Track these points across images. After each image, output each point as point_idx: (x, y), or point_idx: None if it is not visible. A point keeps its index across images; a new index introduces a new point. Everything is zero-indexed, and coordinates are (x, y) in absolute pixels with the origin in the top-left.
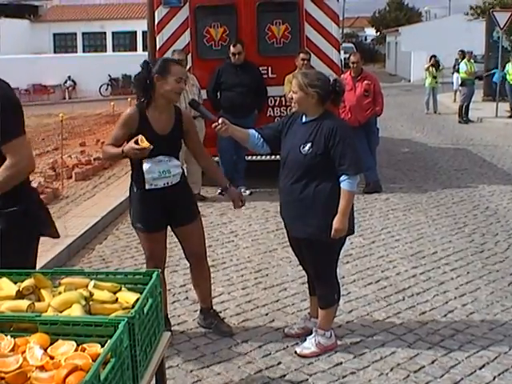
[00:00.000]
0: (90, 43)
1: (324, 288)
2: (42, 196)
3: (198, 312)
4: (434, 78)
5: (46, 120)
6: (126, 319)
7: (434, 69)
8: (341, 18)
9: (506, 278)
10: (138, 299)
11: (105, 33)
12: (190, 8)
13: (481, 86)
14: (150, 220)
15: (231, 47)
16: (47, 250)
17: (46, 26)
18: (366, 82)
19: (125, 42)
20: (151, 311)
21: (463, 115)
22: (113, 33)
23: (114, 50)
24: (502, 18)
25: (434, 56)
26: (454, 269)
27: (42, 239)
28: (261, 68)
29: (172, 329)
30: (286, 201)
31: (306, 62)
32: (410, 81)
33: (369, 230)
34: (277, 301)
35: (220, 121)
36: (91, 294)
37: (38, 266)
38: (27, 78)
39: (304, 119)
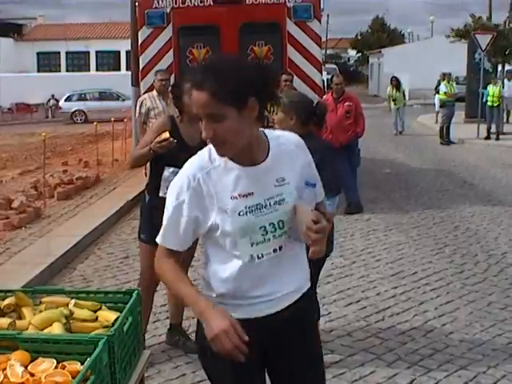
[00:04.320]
0: (74, 62)
1: None
2: (23, 215)
3: (167, 330)
4: (394, 100)
5: (28, 139)
6: (105, 337)
7: (394, 91)
8: (324, 39)
9: (485, 298)
10: (117, 318)
11: (88, 52)
12: (173, 28)
13: (462, 108)
14: (154, 232)
15: None
16: (29, 269)
17: (29, 44)
18: (347, 103)
19: (108, 61)
20: (131, 330)
21: (444, 136)
22: (96, 52)
23: (97, 70)
24: (483, 40)
25: (395, 77)
26: (433, 289)
27: (24, 260)
28: None
29: (153, 348)
30: None
31: (288, 83)
32: (389, 102)
33: (350, 251)
34: None
35: None
36: (72, 313)
37: (19, 285)
38: (10, 97)
39: None
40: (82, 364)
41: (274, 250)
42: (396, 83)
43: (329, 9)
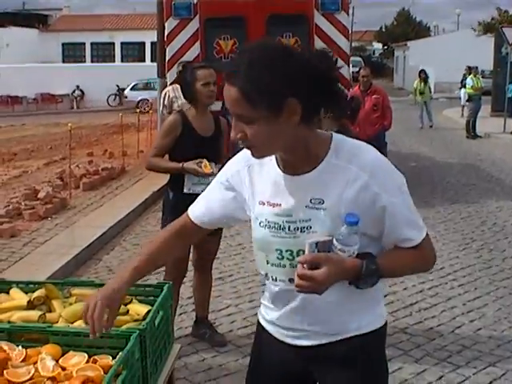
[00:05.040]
0: (99, 53)
1: None
2: (49, 206)
3: (193, 323)
4: (421, 93)
5: (53, 129)
6: (137, 331)
7: (421, 84)
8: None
9: None
10: (149, 311)
11: (113, 43)
12: (200, 20)
13: (489, 102)
14: None
15: None
16: (55, 260)
17: (54, 35)
18: (374, 96)
19: (133, 52)
20: (162, 324)
21: (470, 130)
22: (121, 43)
23: (122, 61)
24: (510, 33)
25: (423, 71)
26: (461, 285)
27: (49, 250)
28: None
29: (179, 341)
30: None
31: None
32: (415, 95)
33: None
34: None
35: None
36: None
37: (45, 275)
38: (35, 87)
39: None
40: (114, 358)
41: (290, 280)
42: (424, 76)
43: (354, 1)
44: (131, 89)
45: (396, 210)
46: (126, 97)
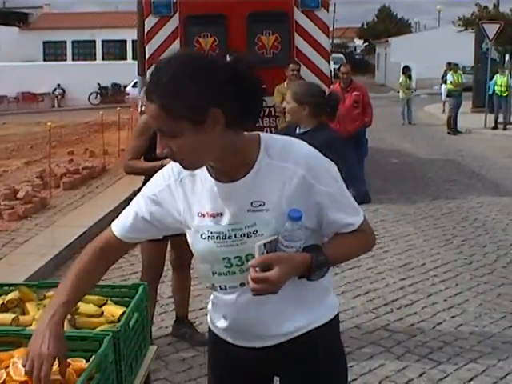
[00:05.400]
0: (80, 51)
1: None
2: (29, 205)
3: (173, 322)
4: (408, 89)
5: (34, 128)
6: (111, 334)
7: (406, 80)
8: (331, 29)
9: (494, 289)
10: (123, 313)
11: (94, 41)
12: (179, 17)
13: (470, 98)
14: None
15: (227, 57)
16: (35, 260)
17: (35, 33)
18: (355, 92)
19: (114, 50)
20: (137, 325)
21: (452, 126)
22: (102, 41)
23: (103, 59)
24: (490, 29)
25: (407, 67)
26: (442, 280)
27: (29, 250)
28: None
29: (159, 341)
30: None
31: (295, 72)
32: (398, 91)
33: None
34: None
35: None
36: (76, 308)
37: (25, 276)
38: (16, 86)
39: (298, 130)
40: (87, 361)
41: (242, 284)
42: (409, 73)
43: None
44: (133, 86)
45: (334, 199)
46: (128, 94)
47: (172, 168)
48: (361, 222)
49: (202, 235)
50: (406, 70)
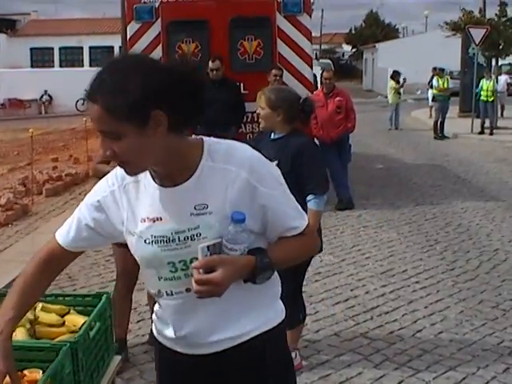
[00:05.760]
0: (67, 58)
1: (289, 308)
2: (10, 212)
3: (150, 330)
4: (399, 93)
5: (21, 135)
6: (68, 344)
7: (395, 85)
8: (318, 34)
9: (476, 296)
10: (85, 323)
11: (82, 47)
12: (162, 23)
13: (457, 102)
14: None
15: (210, 63)
16: (15, 267)
17: (23, 40)
18: (338, 98)
19: (102, 56)
20: (99, 335)
21: (438, 131)
22: (90, 47)
23: (90, 65)
24: (477, 34)
25: (397, 71)
26: (423, 287)
27: (9, 257)
28: None
29: (135, 349)
30: None
31: (278, 78)
32: (386, 97)
33: (339, 248)
34: None
35: None
36: (36, 317)
37: (4, 283)
38: (3, 93)
39: (273, 136)
40: (44, 372)
41: (188, 290)
42: (397, 78)
43: (323, 3)
44: None
45: (278, 202)
46: None
47: (116, 174)
48: (305, 226)
49: (145, 240)
50: (396, 75)
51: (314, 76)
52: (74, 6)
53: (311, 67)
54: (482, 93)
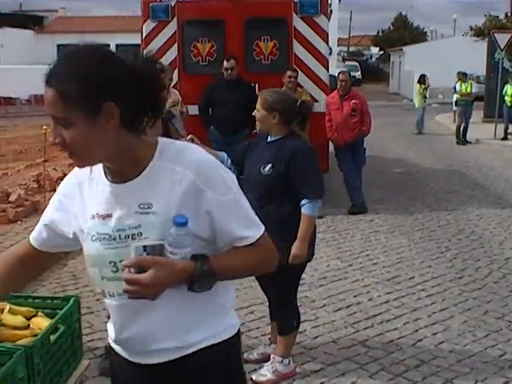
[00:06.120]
0: None
1: (283, 314)
2: (20, 209)
3: None
4: (425, 97)
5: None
6: (22, 349)
7: (422, 89)
8: (346, 36)
9: (482, 306)
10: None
11: (109, 45)
12: (177, 22)
13: (481, 107)
14: None
15: (224, 62)
16: None
17: (50, 37)
18: (353, 101)
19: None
20: (63, 339)
21: (460, 136)
22: (116, 45)
23: None
24: (502, 39)
25: (424, 75)
26: (429, 295)
27: None
28: None
29: None
30: None
31: (292, 79)
32: (411, 100)
33: (348, 253)
34: (242, 324)
35: (188, 137)
36: (0, 320)
37: None
38: (28, 89)
39: (269, 138)
40: None
41: None
42: (424, 81)
43: (352, 5)
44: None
45: (226, 208)
46: None
47: (76, 173)
48: (259, 237)
49: (92, 237)
50: (423, 80)
51: (335, 77)
52: (102, 3)
53: (327, 69)
54: (506, 98)
